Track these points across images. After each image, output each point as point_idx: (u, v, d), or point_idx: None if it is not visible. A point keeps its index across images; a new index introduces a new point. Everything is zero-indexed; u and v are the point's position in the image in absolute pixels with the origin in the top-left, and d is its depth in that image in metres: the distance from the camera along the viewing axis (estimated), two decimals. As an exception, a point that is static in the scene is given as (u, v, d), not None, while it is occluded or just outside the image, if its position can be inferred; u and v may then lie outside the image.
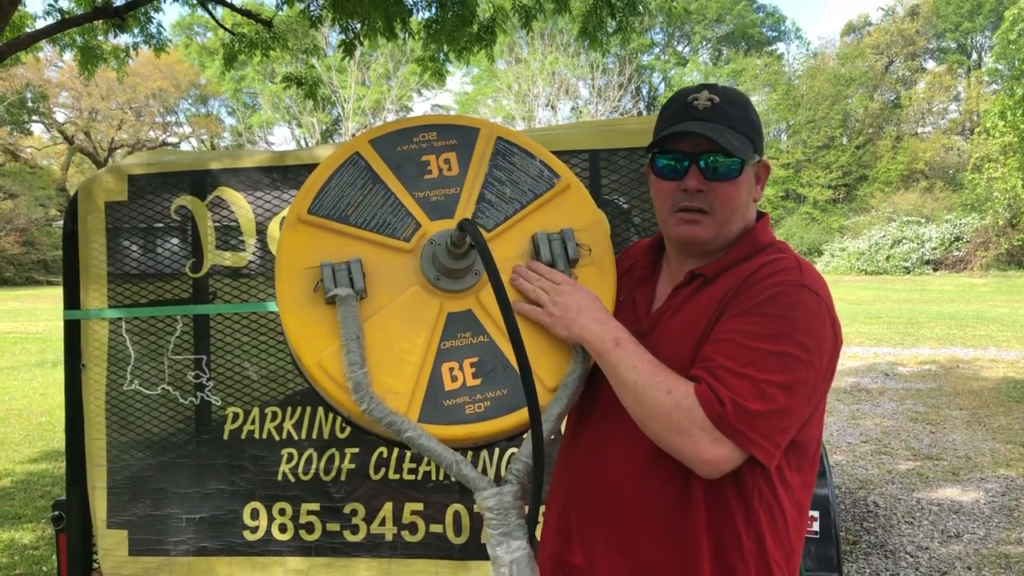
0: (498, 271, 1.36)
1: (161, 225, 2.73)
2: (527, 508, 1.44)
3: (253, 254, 2.67)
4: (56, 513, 2.77)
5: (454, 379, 1.52)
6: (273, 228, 2.64)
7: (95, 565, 2.71)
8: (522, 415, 1.50)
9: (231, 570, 2.65)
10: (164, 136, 49.18)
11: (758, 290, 1.38)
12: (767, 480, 1.39)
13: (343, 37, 5.74)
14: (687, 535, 1.40)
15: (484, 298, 1.58)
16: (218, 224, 2.69)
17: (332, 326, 1.51)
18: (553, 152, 2.52)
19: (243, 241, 2.69)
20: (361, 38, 5.68)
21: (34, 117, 43.82)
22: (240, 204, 2.69)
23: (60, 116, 44.64)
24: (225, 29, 6.47)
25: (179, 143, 50.36)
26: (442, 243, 1.54)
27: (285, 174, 2.67)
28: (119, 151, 46.95)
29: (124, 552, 2.69)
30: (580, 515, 1.53)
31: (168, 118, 48.56)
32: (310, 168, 2.18)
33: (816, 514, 3.07)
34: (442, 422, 1.49)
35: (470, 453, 2.49)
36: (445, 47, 6.91)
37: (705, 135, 1.43)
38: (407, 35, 6.02)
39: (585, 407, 1.58)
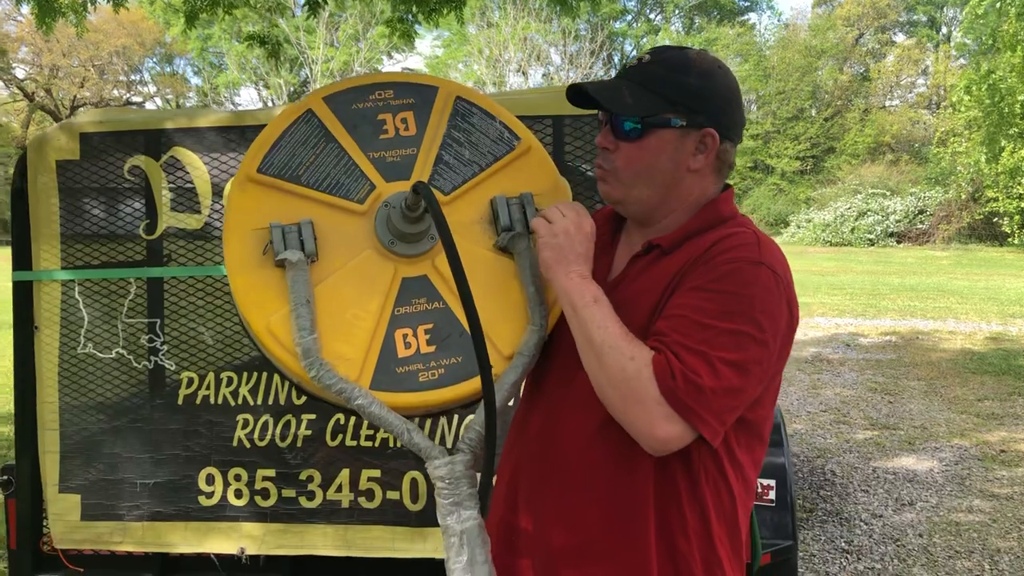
0: (452, 236, 1.33)
1: (114, 185, 2.66)
2: (480, 477, 1.42)
3: (209, 216, 2.62)
4: (5, 478, 2.71)
5: (408, 346, 1.49)
6: (229, 190, 2.58)
7: (45, 530, 2.67)
8: (477, 383, 1.47)
9: (186, 535, 2.63)
10: (128, 95, 48.19)
11: (714, 265, 1.36)
12: (714, 457, 1.39)
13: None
14: (632, 509, 1.39)
15: (440, 264, 1.54)
16: (173, 185, 2.63)
17: (282, 290, 1.47)
18: (517, 117, 2.52)
19: (198, 203, 2.63)
20: (325, -4, 5.57)
21: (-8, 73, 42.74)
22: (196, 165, 2.63)
23: (20, 72, 43.55)
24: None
25: (143, 102, 49.41)
26: (397, 206, 1.51)
27: (243, 134, 2.60)
28: (81, 109, 45.98)
29: (76, 517, 2.65)
30: (528, 481, 1.52)
31: (132, 76, 47.58)
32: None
33: (772, 483, 3.10)
34: (395, 389, 1.46)
35: (428, 422, 2.48)
36: (414, 8, 6.80)
37: (589, 92, 1.42)
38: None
39: (541, 374, 1.56)
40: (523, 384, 1.63)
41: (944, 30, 46.72)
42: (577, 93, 1.49)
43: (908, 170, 38.18)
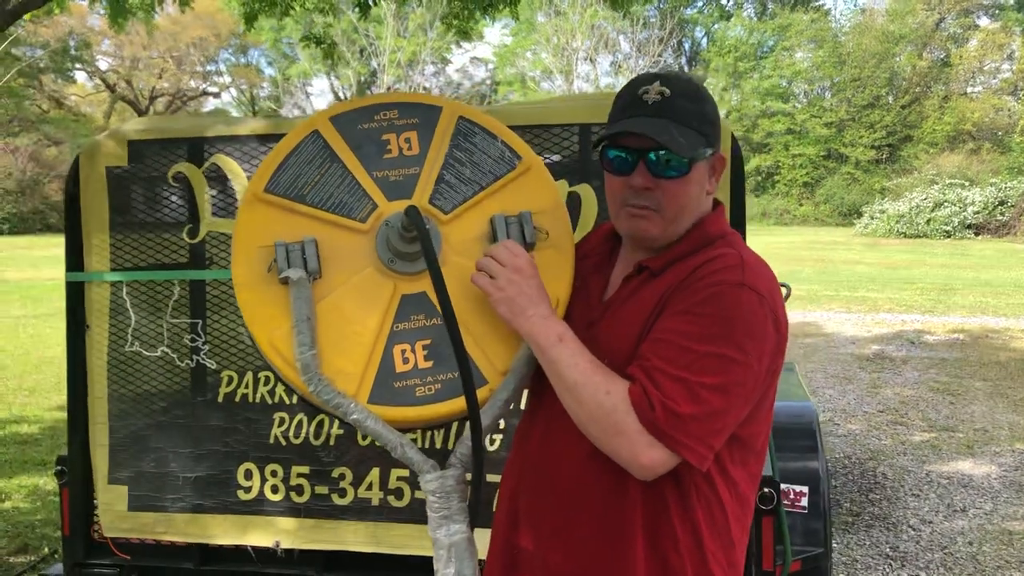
0: (437, 261, 1.39)
1: (160, 191, 2.78)
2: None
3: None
4: (59, 468, 2.86)
5: (406, 361, 1.55)
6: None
7: (95, 519, 2.81)
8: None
9: (225, 527, 2.73)
10: (204, 85, 49.43)
11: (697, 289, 1.38)
12: (705, 475, 1.41)
13: (359, -1, 5.73)
14: (622, 528, 1.42)
15: None
16: (214, 191, 2.73)
17: (286, 305, 1.53)
18: (544, 126, 2.55)
19: (237, 208, 2.72)
20: (374, -1, 5.66)
21: (77, 65, 44.27)
22: (235, 172, 2.72)
23: (103, 64, 45.02)
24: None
25: (219, 92, 50.58)
26: (395, 226, 1.56)
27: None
28: (160, 99, 47.32)
29: (124, 507, 2.78)
30: (528, 500, 1.56)
31: (208, 67, 48.75)
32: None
33: (805, 489, 3.09)
34: (392, 403, 1.52)
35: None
36: (470, 5, 6.85)
37: (649, 135, 1.40)
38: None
39: (542, 389, 1.58)
40: (526, 397, 1.67)
41: (1032, 13, 44.85)
42: (619, 134, 1.45)
43: (989, 159, 36.91)
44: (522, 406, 1.83)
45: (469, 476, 1.51)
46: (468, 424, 1.47)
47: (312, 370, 1.47)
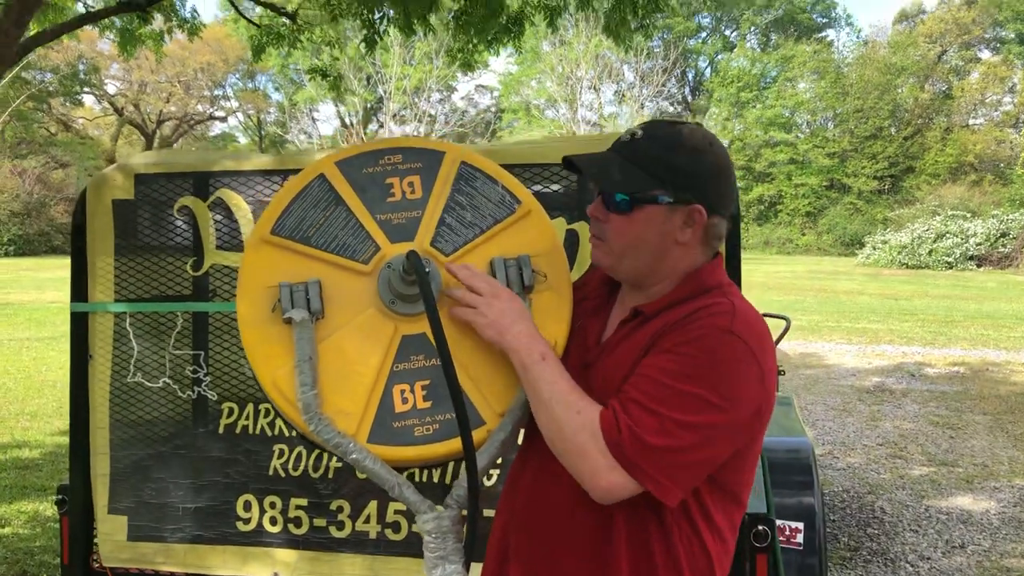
0: (435, 303, 1.42)
1: (165, 224, 2.82)
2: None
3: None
4: (60, 497, 2.88)
5: (405, 401, 1.58)
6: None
7: (95, 548, 2.82)
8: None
9: (224, 558, 2.75)
10: (211, 110, 49.79)
11: (685, 331, 1.41)
12: (689, 519, 1.43)
13: (365, 33, 5.82)
14: (607, 568, 1.45)
15: None
16: (218, 225, 2.77)
17: (289, 345, 1.57)
18: (543, 164, 2.60)
19: (242, 242, 2.76)
20: (380, 34, 5.74)
21: (86, 89, 44.66)
22: (240, 206, 2.76)
23: (111, 88, 45.42)
24: (250, 22, 6.57)
25: (226, 117, 50.94)
26: (397, 268, 1.59)
27: (284, 178, 2.74)
28: (167, 123, 47.65)
29: (123, 537, 2.80)
30: (518, 537, 1.58)
31: (216, 92, 49.14)
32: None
33: (800, 526, 3.10)
34: (391, 443, 1.55)
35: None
36: (474, 39, 6.95)
37: (578, 164, 1.52)
38: (428, 32, 6.08)
39: (535, 430, 1.60)
40: (521, 435, 1.70)
41: (1033, 47, 45.16)
42: (571, 164, 1.57)
43: (991, 191, 37.07)
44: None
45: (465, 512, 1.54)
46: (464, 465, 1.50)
47: (313, 410, 1.50)
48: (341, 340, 1.60)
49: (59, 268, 25.26)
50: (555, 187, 2.60)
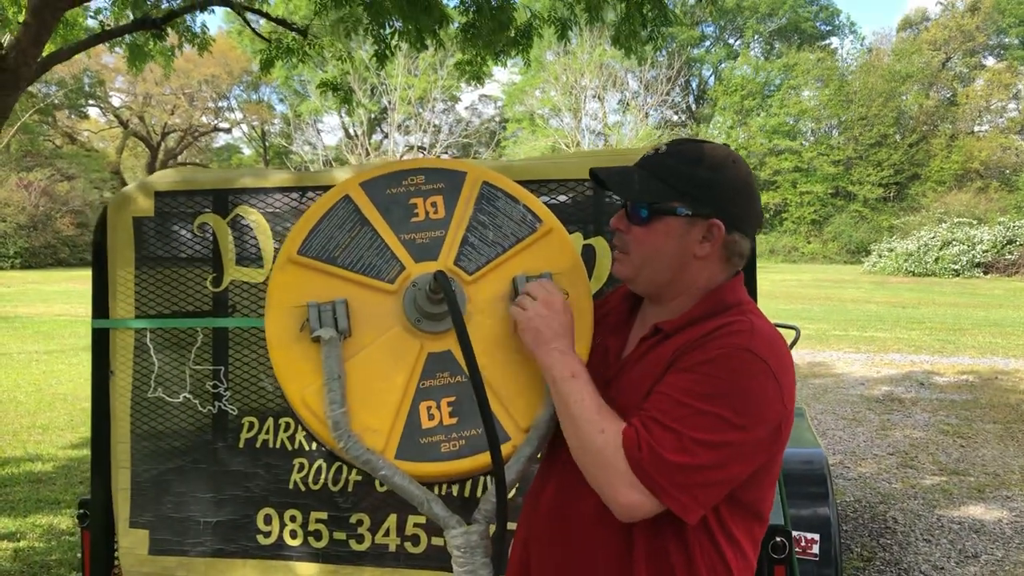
0: (464, 323, 1.44)
1: (185, 241, 2.85)
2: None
3: (270, 271, 2.78)
4: (81, 511, 2.91)
5: (431, 418, 1.60)
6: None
7: (116, 562, 2.85)
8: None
9: (245, 572, 2.77)
10: (216, 122, 50.01)
11: (705, 350, 1.43)
12: (710, 536, 1.45)
13: (376, 48, 5.86)
14: None
15: None
16: (238, 241, 2.80)
17: (317, 363, 1.59)
18: (560, 180, 2.63)
19: (261, 258, 2.80)
20: (392, 48, 5.79)
21: (91, 101, 44.90)
22: (259, 223, 2.80)
23: (116, 100, 45.67)
24: (261, 37, 6.63)
25: (230, 128, 51.13)
26: (423, 287, 1.62)
27: (303, 195, 2.77)
28: (172, 135, 47.86)
29: (144, 551, 2.83)
30: (539, 550, 1.60)
31: (220, 104, 49.37)
32: (326, 189, 2.24)
33: (816, 537, 3.11)
34: (418, 459, 1.57)
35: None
36: (483, 51, 6.99)
37: (599, 174, 1.57)
38: (438, 46, 6.13)
39: (558, 446, 1.62)
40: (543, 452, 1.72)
41: (1037, 53, 45.19)
42: (595, 176, 1.61)
43: (997, 198, 37.04)
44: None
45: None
46: (492, 479, 1.52)
47: (343, 427, 1.53)
48: (368, 358, 1.62)
49: (65, 281, 25.37)
50: (572, 202, 2.63)
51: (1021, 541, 4.98)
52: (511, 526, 2.12)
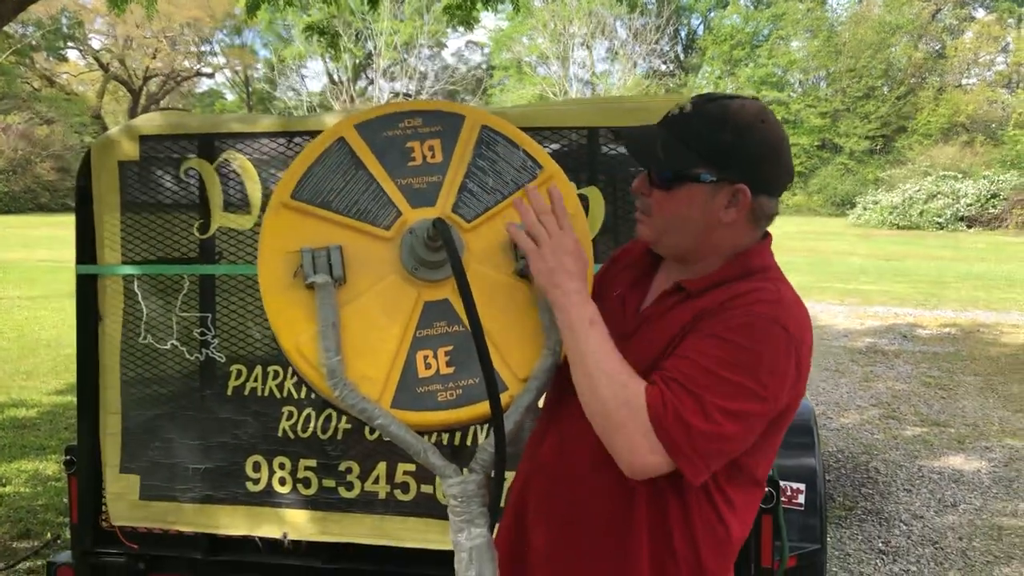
0: (465, 275, 1.42)
1: (171, 186, 2.80)
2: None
3: (258, 217, 2.74)
4: (68, 457, 2.89)
5: (428, 367, 1.58)
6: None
7: (103, 508, 2.84)
8: None
9: (234, 518, 2.77)
10: (198, 66, 49.19)
11: (730, 316, 1.39)
12: (708, 496, 1.44)
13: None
14: (627, 535, 1.47)
15: None
16: (225, 187, 2.75)
17: (311, 310, 1.56)
18: (554, 128, 2.58)
19: (249, 204, 2.75)
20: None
21: (70, 43, 44.01)
22: (247, 168, 2.75)
23: (96, 43, 44.78)
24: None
25: (213, 73, 50.34)
26: (420, 235, 1.59)
27: (291, 140, 2.72)
28: (153, 79, 47.08)
29: (135, 496, 2.82)
30: (537, 501, 1.60)
31: (203, 48, 48.51)
32: (315, 135, 2.19)
33: (802, 487, 3.15)
34: (414, 408, 1.55)
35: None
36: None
37: (625, 139, 1.53)
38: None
39: (560, 395, 1.61)
40: (544, 400, 1.71)
41: (1027, 6, 44.95)
42: (618, 135, 1.56)
43: (983, 152, 37.10)
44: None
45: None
46: (490, 428, 1.51)
47: (338, 375, 1.50)
48: (363, 306, 1.59)
49: (47, 226, 25.10)
50: (565, 151, 2.60)
51: (999, 491, 5.07)
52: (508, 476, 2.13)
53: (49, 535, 4.22)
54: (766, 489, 2.49)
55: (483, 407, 1.57)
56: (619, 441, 1.37)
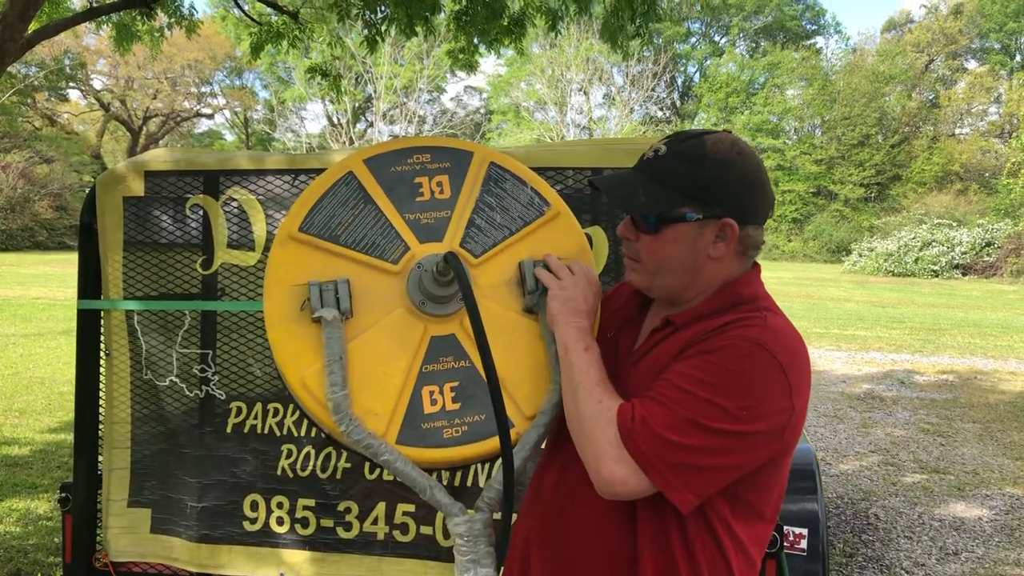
0: (477, 308, 1.41)
1: (175, 222, 2.80)
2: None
3: (262, 254, 2.73)
4: (63, 495, 2.85)
5: (434, 403, 1.57)
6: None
7: (97, 546, 2.80)
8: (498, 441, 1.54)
9: (231, 558, 2.73)
10: (198, 107, 49.56)
11: (713, 340, 1.40)
12: (710, 530, 1.42)
13: (367, 33, 5.80)
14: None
15: (467, 323, 1.61)
16: (230, 223, 2.75)
17: (317, 344, 1.55)
18: (558, 168, 2.60)
19: (253, 241, 2.75)
20: (382, 35, 5.72)
21: (71, 84, 44.36)
22: (252, 205, 2.75)
23: (97, 83, 45.15)
24: (252, 20, 6.53)
25: (213, 114, 50.71)
26: (428, 269, 1.58)
27: (296, 177, 2.73)
28: (154, 119, 47.40)
29: (147, 530, 2.78)
30: (540, 547, 1.57)
31: (203, 89, 48.91)
32: (321, 173, 2.20)
33: (804, 531, 3.11)
34: (420, 445, 1.54)
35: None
36: (475, 39, 6.94)
37: (604, 188, 1.53)
38: (429, 33, 6.07)
39: (560, 436, 1.60)
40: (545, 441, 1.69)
41: (1018, 57, 45.68)
42: (595, 187, 1.57)
43: (977, 200, 37.39)
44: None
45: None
46: (498, 465, 1.49)
47: (343, 410, 1.49)
48: (369, 340, 1.58)
49: (43, 264, 25.05)
50: (568, 191, 2.61)
51: (1001, 539, 5.02)
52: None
53: (39, 575, 4.14)
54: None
55: (489, 444, 1.55)
56: (588, 450, 1.39)
